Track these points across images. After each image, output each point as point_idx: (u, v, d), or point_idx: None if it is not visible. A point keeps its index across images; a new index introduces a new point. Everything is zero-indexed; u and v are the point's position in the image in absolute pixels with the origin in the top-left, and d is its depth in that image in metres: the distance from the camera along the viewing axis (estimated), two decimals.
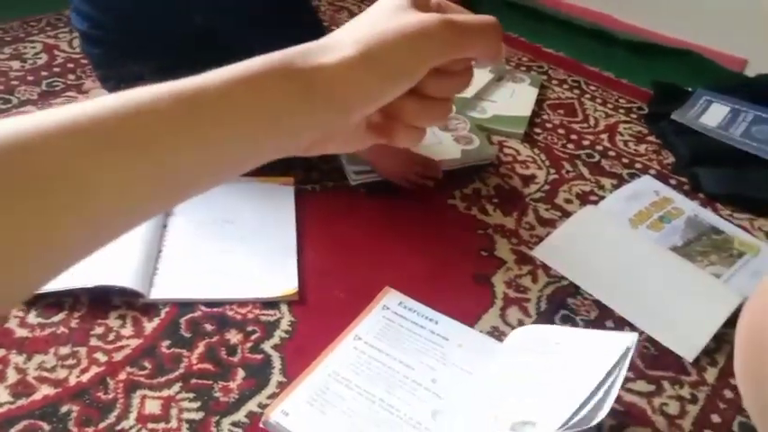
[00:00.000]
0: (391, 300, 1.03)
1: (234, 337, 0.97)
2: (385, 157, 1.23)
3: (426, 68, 0.32)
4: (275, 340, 0.97)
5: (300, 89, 0.29)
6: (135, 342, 0.95)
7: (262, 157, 0.29)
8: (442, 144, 1.36)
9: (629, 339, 0.85)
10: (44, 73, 1.51)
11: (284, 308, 1.02)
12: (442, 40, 0.32)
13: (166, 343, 0.95)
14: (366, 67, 0.30)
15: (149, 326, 0.97)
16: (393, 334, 0.96)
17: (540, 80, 1.69)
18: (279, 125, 0.29)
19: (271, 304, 1.02)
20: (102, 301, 0.99)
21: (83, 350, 0.93)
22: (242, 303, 1.01)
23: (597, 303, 1.08)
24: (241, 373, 0.92)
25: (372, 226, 1.20)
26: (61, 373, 0.89)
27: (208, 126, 0.27)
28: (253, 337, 0.97)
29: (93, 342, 0.94)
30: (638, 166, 1.43)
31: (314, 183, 1.27)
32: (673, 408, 0.93)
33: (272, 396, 0.89)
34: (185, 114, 0.27)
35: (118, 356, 0.92)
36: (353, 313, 1.01)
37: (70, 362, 0.91)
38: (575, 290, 1.10)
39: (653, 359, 1.00)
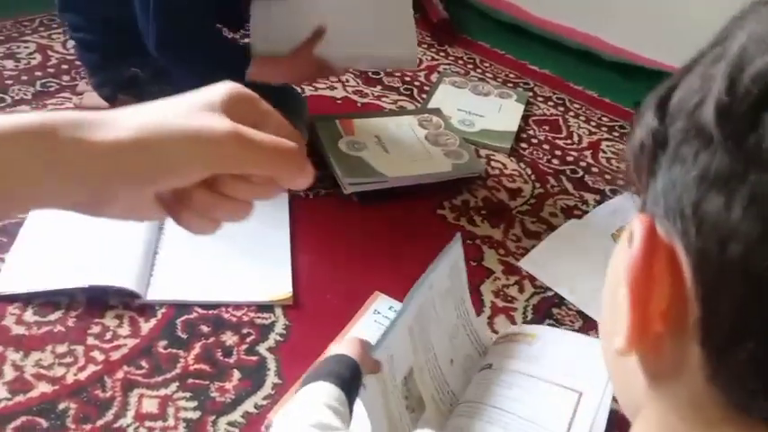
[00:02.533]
0: (381, 304, 1.05)
1: (229, 338, 0.99)
2: (298, 77, 1.31)
3: (200, 173, 0.31)
4: (270, 343, 0.99)
5: (49, 161, 0.29)
6: (132, 342, 0.96)
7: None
8: (433, 158, 1.40)
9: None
10: (38, 73, 1.52)
11: (279, 311, 1.04)
12: (224, 151, 0.31)
13: (163, 343, 0.97)
14: (133, 154, 0.30)
15: (146, 326, 0.99)
16: None
17: (527, 96, 1.73)
18: (13, 191, 0.29)
19: (265, 307, 1.04)
20: (98, 301, 1.01)
21: (80, 348, 0.94)
22: (237, 306, 1.03)
23: (581, 314, 1.12)
24: (237, 374, 0.94)
25: (364, 233, 1.23)
26: (59, 371, 0.91)
27: None
28: (248, 339, 0.99)
29: (91, 341, 0.95)
30: (620, 182, 1.48)
31: (307, 190, 1.29)
32: None
33: (268, 397, 0.91)
34: None
35: (115, 355, 0.94)
36: (345, 317, 1.03)
37: (67, 360, 0.92)
38: (560, 300, 1.14)
39: None
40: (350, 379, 0.66)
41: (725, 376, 0.24)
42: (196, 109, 0.32)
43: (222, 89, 0.33)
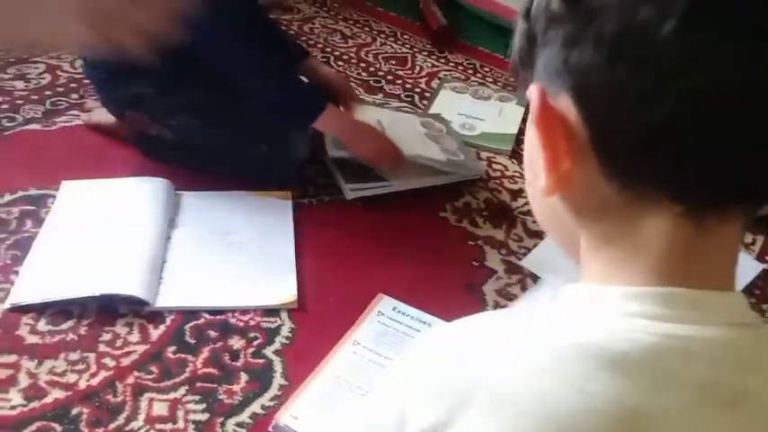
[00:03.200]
0: (385, 305, 1.07)
1: (237, 342, 1.01)
2: (360, 141, 1.29)
3: None
4: (276, 346, 1.01)
5: None
6: (142, 348, 0.99)
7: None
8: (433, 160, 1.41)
9: None
10: (48, 92, 1.56)
11: (284, 315, 1.06)
12: None
13: (172, 349, 0.99)
14: None
15: (155, 333, 1.01)
16: (389, 338, 1.01)
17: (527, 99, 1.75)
18: None
19: (271, 311, 1.06)
20: (109, 309, 1.03)
21: (92, 356, 0.97)
22: (244, 311, 1.06)
23: None
24: (244, 377, 0.96)
25: (367, 237, 1.25)
26: (71, 378, 0.93)
27: None
28: (255, 342, 1.01)
29: (102, 348, 0.98)
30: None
31: (310, 197, 1.32)
32: None
33: (275, 398, 0.93)
34: None
35: (126, 361, 0.96)
36: (350, 319, 1.05)
37: (80, 367, 0.95)
38: None
39: None
40: None
41: (619, 168, 0.33)
42: None
43: None
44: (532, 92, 0.35)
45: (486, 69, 1.90)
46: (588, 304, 0.34)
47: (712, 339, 0.31)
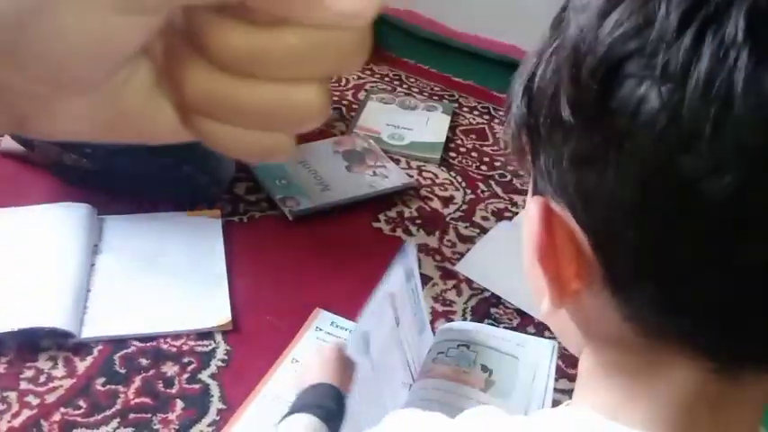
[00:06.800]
0: (323, 321, 1.06)
1: (170, 369, 0.97)
2: None
3: None
4: (212, 369, 0.98)
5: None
6: (68, 382, 0.94)
7: None
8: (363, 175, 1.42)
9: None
10: None
11: (219, 337, 1.03)
12: None
13: (101, 381, 0.95)
14: None
15: (82, 365, 0.96)
16: None
17: (452, 108, 1.78)
18: None
19: (205, 335, 1.03)
20: (30, 344, 0.98)
21: (13, 394, 0.91)
22: (176, 336, 1.02)
23: (518, 311, 1.15)
24: (180, 404, 0.93)
25: (300, 252, 1.23)
26: None
27: None
28: (189, 368, 0.98)
29: (24, 385, 0.92)
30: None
31: (241, 214, 1.30)
32: None
33: (213, 424, 0.91)
34: None
35: (51, 398, 0.91)
36: (287, 337, 1.03)
37: (0, 407, 0.89)
38: (497, 300, 1.17)
39: (573, 358, 1.08)
40: (335, 408, 0.65)
41: (638, 316, 0.28)
42: None
43: None
44: (533, 204, 0.30)
45: (412, 80, 1.92)
46: None
47: None
